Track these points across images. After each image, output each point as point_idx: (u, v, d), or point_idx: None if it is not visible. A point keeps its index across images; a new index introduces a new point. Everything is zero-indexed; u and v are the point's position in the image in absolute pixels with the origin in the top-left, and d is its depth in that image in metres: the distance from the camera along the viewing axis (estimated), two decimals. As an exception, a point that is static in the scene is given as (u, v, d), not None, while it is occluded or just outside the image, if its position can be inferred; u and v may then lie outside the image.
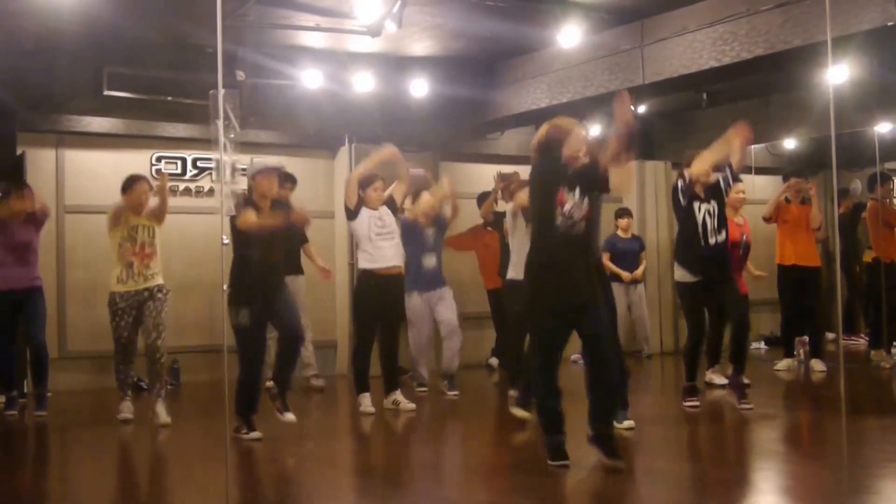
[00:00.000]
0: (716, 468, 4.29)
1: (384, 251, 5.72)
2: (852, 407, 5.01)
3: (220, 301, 6.43)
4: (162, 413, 5.31)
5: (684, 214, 5.46)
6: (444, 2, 5.93)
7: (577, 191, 4.00)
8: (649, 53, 6.23)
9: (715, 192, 5.47)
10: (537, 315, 4.00)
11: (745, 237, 6.52)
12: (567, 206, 3.96)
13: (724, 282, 5.50)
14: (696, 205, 5.44)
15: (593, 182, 3.99)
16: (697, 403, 5.54)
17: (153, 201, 5.58)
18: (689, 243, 5.48)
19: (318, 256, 6.91)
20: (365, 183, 5.77)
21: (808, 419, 5.79)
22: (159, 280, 5.53)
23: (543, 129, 4.13)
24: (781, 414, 6.01)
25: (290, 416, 4.94)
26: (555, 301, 3.95)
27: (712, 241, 5.41)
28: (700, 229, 5.41)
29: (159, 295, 5.48)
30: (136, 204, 5.53)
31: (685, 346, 5.73)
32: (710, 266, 5.43)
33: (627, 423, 4.77)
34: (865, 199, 7.84)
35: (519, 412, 5.04)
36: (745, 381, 5.61)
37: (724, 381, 6.51)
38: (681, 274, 5.58)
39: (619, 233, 8.51)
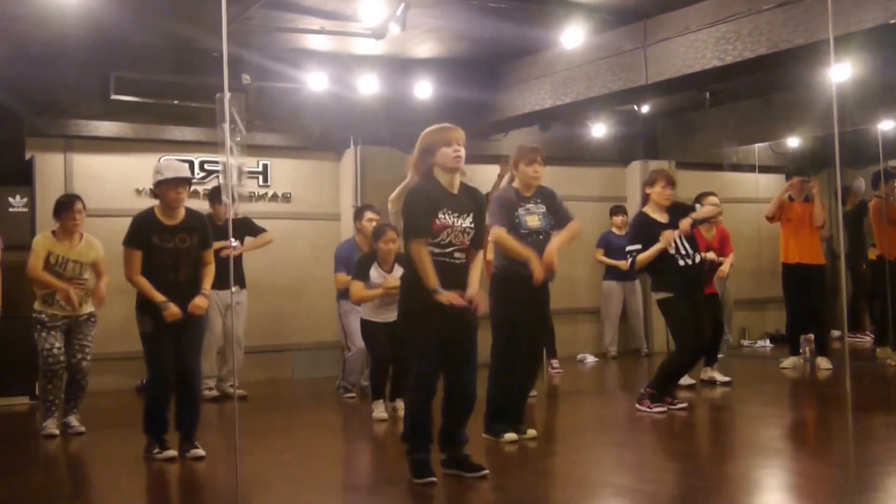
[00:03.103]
0: (722, 465, 4.31)
1: (385, 309, 5.51)
2: (858, 404, 5.03)
3: (227, 300, 6.49)
4: (76, 423, 5.26)
5: (650, 243, 5.30)
6: (447, 4, 5.96)
7: (469, 215, 3.80)
8: (652, 53, 6.25)
9: (681, 217, 5.36)
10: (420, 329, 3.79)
11: (710, 249, 6.30)
12: (446, 232, 3.74)
13: (700, 298, 5.46)
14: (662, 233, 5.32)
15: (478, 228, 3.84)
16: (665, 409, 5.34)
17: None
18: (662, 268, 5.31)
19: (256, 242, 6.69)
20: (377, 235, 5.57)
21: (813, 417, 5.81)
22: (90, 308, 5.30)
23: (420, 139, 3.85)
24: (787, 412, 6.03)
25: (197, 452, 4.47)
26: (431, 335, 3.75)
27: (682, 263, 5.30)
28: (673, 252, 5.29)
29: (91, 321, 5.30)
30: (70, 227, 5.19)
31: (670, 360, 5.50)
32: (687, 283, 5.33)
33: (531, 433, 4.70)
34: (869, 196, 7.85)
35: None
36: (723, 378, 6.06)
37: (725, 378, 6.53)
38: (660, 293, 5.42)
39: (614, 230, 8.54)
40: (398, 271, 5.49)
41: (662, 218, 5.38)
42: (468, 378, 3.89)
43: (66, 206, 5.25)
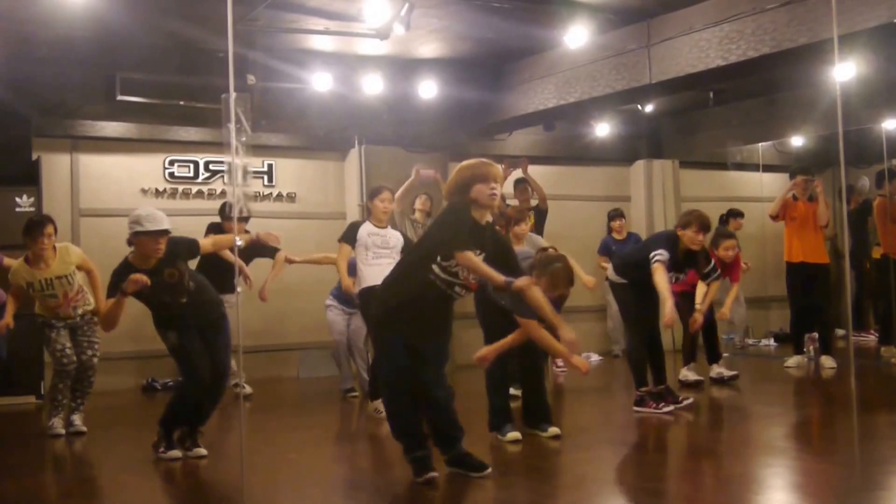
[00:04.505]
0: (726, 465, 4.32)
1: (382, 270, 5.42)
2: (863, 403, 5.03)
3: (233, 301, 6.52)
4: (79, 423, 5.28)
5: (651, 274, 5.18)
6: (451, 4, 5.98)
7: (482, 255, 3.74)
8: (656, 53, 6.27)
9: (693, 261, 5.33)
10: (391, 340, 3.80)
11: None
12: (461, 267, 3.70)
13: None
14: (671, 275, 5.25)
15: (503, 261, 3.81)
16: (671, 408, 5.33)
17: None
18: (639, 271, 5.25)
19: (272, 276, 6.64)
20: (372, 194, 5.65)
21: (818, 416, 5.80)
22: (89, 306, 5.32)
23: (455, 172, 3.85)
24: (792, 411, 6.03)
25: (200, 451, 4.53)
26: (410, 335, 3.76)
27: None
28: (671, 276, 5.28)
29: (93, 318, 5.30)
30: (37, 250, 5.10)
31: (630, 351, 5.50)
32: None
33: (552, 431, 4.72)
34: (873, 195, 7.85)
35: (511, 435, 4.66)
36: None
37: (699, 377, 6.50)
38: (621, 279, 5.41)
39: (615, 235, 8.53)
40: (392, 231, 5.59)
41: (687, 255, 5.32)
42: (427, 378, 3.82)
43: (37, 226, 5.15)
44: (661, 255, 5.11)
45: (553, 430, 4.72)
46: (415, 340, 3.79)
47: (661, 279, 5.03)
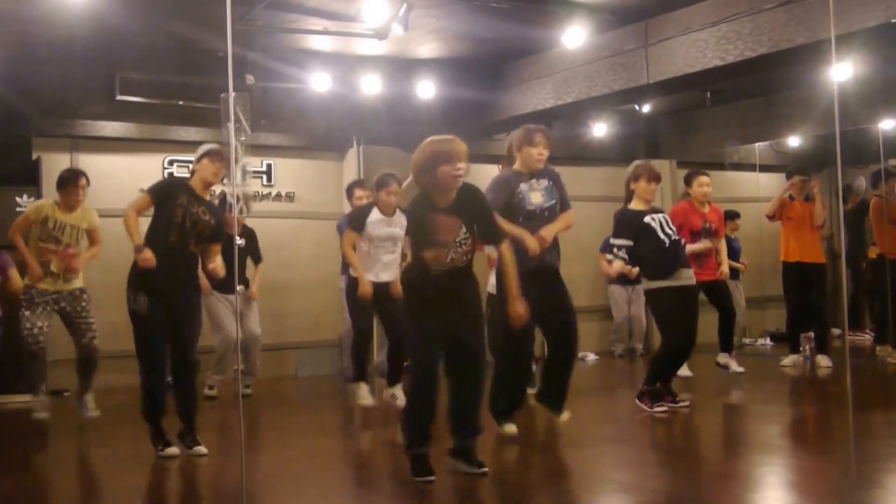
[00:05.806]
0: (723, 462, 4.35)
1: (381, 264, 5.57)
2: (858, 402, 5.05)
3: (233, 300, 6.54)
4: (91, 404, 5.30)
5: (640, 232, 5.29)
6: (449, 4, 6.01)
7: (463, 227, 3.74)
8: (653, 53, 6.29)
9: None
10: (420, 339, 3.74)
11: (707, 224, 6.26)
12: (448, 255, 3.70)
13: (691, 290, 5.42)
14: (647, 218, 5.32)
15: (484, 230, 3.81)
16: (666, 409, 5.37)
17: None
18: (655, 257, 5.29)
19: (256, 280, 6.73)
20: (380, 184, 5.61)
21: (814, 415, 5.83)
22: (80, 283, 5.32)
23: (419, 149, 3.78)
24: (787, 409, 6.06)
25: (200, 449, 4.46)
26: (434, 329, 3.70)
27: (667, 242, 5.29)
28: (661, 235, 5.30)
29: (84, 296, 5.31)
30: (71, 202, 5.32)
31: (657, 354, 5.52)
32: (674, 262, 5.31)
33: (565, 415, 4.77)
34: (870, 195, 7.88)
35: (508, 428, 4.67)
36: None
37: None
38: (652, 282, 5.39)
39: None
40: (400, 218, 5.52)
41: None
42: (469, 363, 3.81)
43: (69, 181, 5.35)
44: (619, 251, 5.31)
45: (566, 415, 4.76)
46: (452, 330, 3.72)
47: (616, 266, 5.42)
